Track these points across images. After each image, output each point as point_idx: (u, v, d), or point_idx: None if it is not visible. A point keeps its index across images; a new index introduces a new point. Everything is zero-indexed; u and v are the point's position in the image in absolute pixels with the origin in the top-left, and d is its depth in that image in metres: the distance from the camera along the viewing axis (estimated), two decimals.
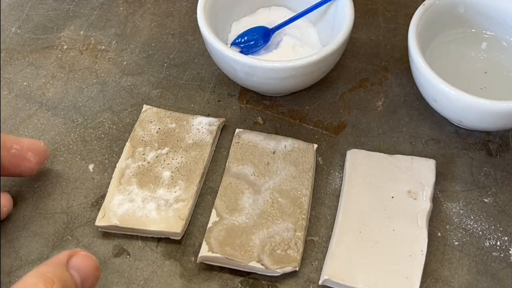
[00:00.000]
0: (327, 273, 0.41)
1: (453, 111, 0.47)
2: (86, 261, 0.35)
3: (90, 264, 0.35)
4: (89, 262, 0.35)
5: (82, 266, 0.35)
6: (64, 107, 0.53)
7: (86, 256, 0.35)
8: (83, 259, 0.35)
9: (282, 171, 0.47)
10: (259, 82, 0.49)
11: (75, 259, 0.35)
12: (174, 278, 0.43)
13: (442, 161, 0.49)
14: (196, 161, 0.48)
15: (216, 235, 0.43)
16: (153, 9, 0.62)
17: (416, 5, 0.51)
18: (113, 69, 0.56)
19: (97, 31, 0.60)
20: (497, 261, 0.44)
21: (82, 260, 0.35)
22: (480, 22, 0.53)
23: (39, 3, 0.63)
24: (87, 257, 0.35)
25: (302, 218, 0.44)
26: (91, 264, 0.35)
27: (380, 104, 0.54)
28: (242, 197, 0.46)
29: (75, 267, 0.34)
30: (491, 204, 0.47)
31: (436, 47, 0.53)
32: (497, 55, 0.53)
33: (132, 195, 0.46)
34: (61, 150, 0.50)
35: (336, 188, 0.48)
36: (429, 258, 0.43)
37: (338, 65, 0.55)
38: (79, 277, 0.34)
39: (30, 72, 0.56)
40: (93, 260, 0.36)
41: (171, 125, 0.50)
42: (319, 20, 0.55)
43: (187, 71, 0.56)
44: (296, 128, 0.52)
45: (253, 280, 0.43)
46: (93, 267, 0.35)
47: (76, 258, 0.35)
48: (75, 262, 0.35)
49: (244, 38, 0.53)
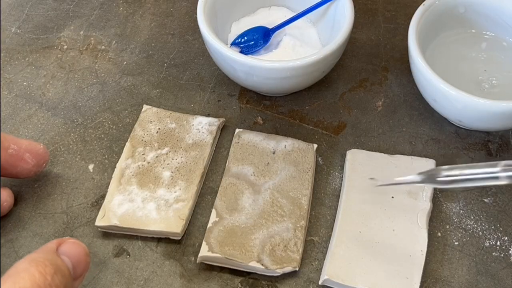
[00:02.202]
0: (327, 273, 0.41)
1: (453, 111, 0.47)
2: (76, 247, 0.36)
3: (79, 250, 0.36)
4: (79, 248, 0.36)
5: (72, 252, 0.35)
6: (64, 107, 0.53)
7: (75, 243, 0.36)
8: (72, 245, 0.36)
9: (282, 171, 0.47)
10: (259, 82, 0.49)
11: (64, 246, 0.35)
12: (174, 278, 0.43)
13: (442, 161, 0.49)
14: (196, 161, 0.48)
15: (216, 235, 0.43)
16: (153, 9, 0.62)
17: (416, 5, 0.51)
18: (113, 69, 0.56)
19: (97, 31, 0.60)
20: (497, 261, 0.44)
21: (72, 246, 0.36)
22: (480, 22, 0.53)
23: (39, 3, 0.63)
24: (76, 243, 0.36)
25: (302, 218, 0.44)
26: (81, 250, 0.36)
27: (380, 104, 0.54)
28: (242, 197, 0.46)
29: (65, 253, 0.35)
30: (491, 204, 0.47)
31: (436, 47, 0.53)
32: (497, 55, 0.53)
33: (132, 195, 0.46)
34: (61, 150, 0.50)
35: (336, 188, 0.48)
36: (429, 258, 0.43)
37: (338, 65, 0.55)
38: (70, 262, 0.35)
39: (30, 72, 0.56)
40: (82, 246, 0.36)
41: (171, 125, 0.50)
42: (319, 20, 0.55)
43: (187, 71, 0.56)
44: (296, 128, 0.52)
45: (253, 280, 0.43)
46: (83, 253, 0.36)
47: (65, 245, 0.35)
48: (64, 249, 0.35)
49: (244, 38, 0.54)
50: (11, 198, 0.45)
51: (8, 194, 0.45)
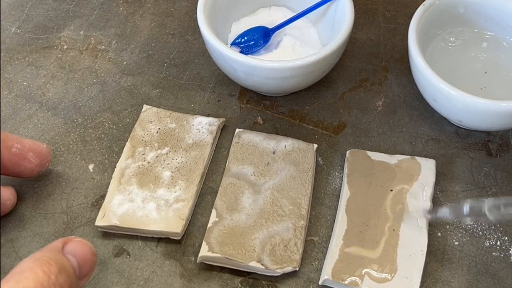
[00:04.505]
0: (327, 273, 0.41)
1: (453, 111, 0.47)
2: (82, 246, 0.35)
3: (85, 249, 0.35)
4: (85, 247, 0.35)
5: (78, 251, 0.35)
6: (64, 107, 0.53)
7: (81, 242, 0.35)
8: (78, 244, 0.35)
9: (282, 171, 0.47)
10: (259, 82, 0.49)
11: (70, 244, 0.35)
12: (174, 278, 0.43)
13: (442, 161, 0.49)
14: (196, 161, 0.48)
15: (216, 235, 0.43)
16: (153, 9, 0.62)
17: (416, 5, 0.51)
18: (113, 69, 0.56)
19: (97, 31, 0.60)
20: (497, 261, 0.44)
21: (77, 245, 0.35)
22: (480, 22, 0.53)
23: (39, 3, 0.63)
24: (82, 242, 0.35)
25: (302, 218, 0.44)
26: (87, 249, 0.35)
27: (380, 104, 0.54)
28: (242, 197, 0.46)
29: (71, 252, 0.34)
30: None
31: (436, 47, 0.53)
32: (497, 55, 0.53)
33: (132, 195, 0.46)
34: (61, 150, 0.50)
35: (336, 188, 0.48)
36: (429, 258, 0.43)
37: (338, 65, 0.55)
38: (76, 262, 0.34)
39: (30, 72, 0.56)
40: (88, 245, 0.35)
41: (171, 125, 0.50)
42: (319, 20, 0.55)
43: (187, 71, 0.56)
44: (296, 128, 0.52)
45: (253, 280, 0.43)
46: (89, 252, 0.35)
47: (71, 244, 0.35)
48: (70, 248, 0.34)
49: (244, 38, 0.54)
50: (14, 197, 0.45)
51: (11, 192, 0.45)
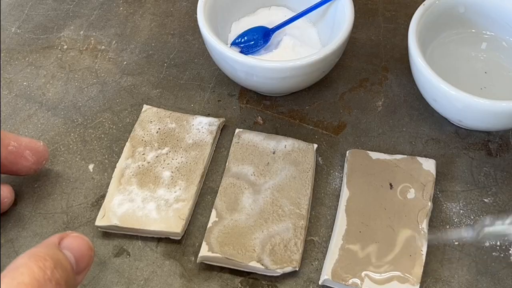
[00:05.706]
0: (327, 273, 0.41)
1: (453, 111, 0.47)
2: (78, 241, 0.35)
3: (82, 244, 0.35)
4: (82, 242, 0.35)
5: (75, 246, 0.34)
6: (64, 107, 0.53)
7: (78, 237, 0.35)
8: (75, 239, 0.35)
9: (282, 171, 0.47)
10: (259, 82, 0.49)
11: (67, 240, 0.34)
12: (174, 278, 0.43)
13: (442, 161, 0.49)
14: (196, 161, 0.48)
15: (216, 235, 0.43)
16: (153, 9, 0.62)
17: (416, 5, 0.51)
18: (113, 69, 0.56)
19: (97, 31, 0.60)
20: (497, 261, 0.44)
21: (74, 240, 0.34)
22: (480, 22, 0.53)
23: (39, 3, 0.63)
24: (79, 237, 0.35)
25: (302, 218, 0.44)
26: (84, 243, 0.35)
27: (380, 104, 0.54)
28: (242, 197, 0.46)
29: (68, 247, 0.34)
30: (491, 204, 0.47)
31: (436, 47, 0.53)
32: (497, 55, 0.53)
33: (132, 195, 0.46)
34: (61, 150, 0.50)
35: (336, 188, 0.48)
36: (429, 258, 0.43)
37: (338, 65, 0.55)
38: (73, 257, 0.34)
39: (30, 72, 0.56)
40: (85, 240, 0.35)
41: (171, 125, 0.50)
42: (319, 20, 0.55)
43: (187, 71, 0.56)
44: (296, 128, 0.52)
45: (253, 280, 0.43)
46: (86, 247, 0.35)
47: (67, 239, 0.34)
48: (67, 243, 0.34)
49: (244, 38, 0.53)
50: (11, 195, 0.45)
51: (9, 190, 0.45)
